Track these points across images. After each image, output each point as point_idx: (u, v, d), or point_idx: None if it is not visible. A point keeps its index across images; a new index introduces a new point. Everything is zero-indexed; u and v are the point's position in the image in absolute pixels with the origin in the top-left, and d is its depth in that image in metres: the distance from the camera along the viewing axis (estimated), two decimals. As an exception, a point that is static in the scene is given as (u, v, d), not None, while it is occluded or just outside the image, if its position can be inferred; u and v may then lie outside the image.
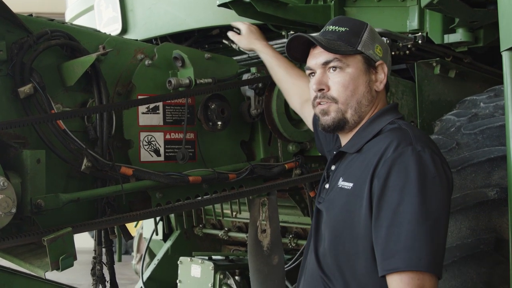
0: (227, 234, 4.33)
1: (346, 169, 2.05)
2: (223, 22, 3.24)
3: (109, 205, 2.49)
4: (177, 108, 2.77)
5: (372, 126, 2.05)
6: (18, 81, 2.31)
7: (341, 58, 2.03)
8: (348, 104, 2.04)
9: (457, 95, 3.47)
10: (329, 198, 2.08)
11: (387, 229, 1.81)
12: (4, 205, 1.70)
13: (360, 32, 2.06)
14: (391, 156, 1.87)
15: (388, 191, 1.84)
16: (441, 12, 2.98)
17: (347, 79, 2.03)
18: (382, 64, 2.08)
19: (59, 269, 2.12)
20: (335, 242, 1.98)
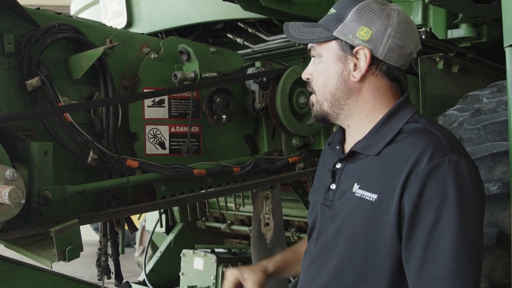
0: (230, 227, 4.35)
1: (362, 174, 1.80)
2: (228, 16, 3.27)
3: (114, 197, 2.51)
4: (182, 102, 2.78)
5: (390, 125, 1.80)
6: (26, 74, 2.32)
7: (316, 46, 1.86)
8: (323, 96, 1.87)
9: (459, 90, 3.48)
10: (341, 205, 1.84)
11: (423, 250, 1.64)
12: (14, 196, 1.71)
13: (342, 15, 1.80)
14: (425, 168, 1.64)
15: (423, 208, 1.64)
16: (445, 7, 2.99)
17: (320, 69, 1.86)
18: (363, 49, 1.78)
19: (65, 259, 2.14)
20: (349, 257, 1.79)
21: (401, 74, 1.85)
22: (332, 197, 1.87)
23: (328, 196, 1.89)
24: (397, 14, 1.80)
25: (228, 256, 3.92)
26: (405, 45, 1.79)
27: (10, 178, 1.78)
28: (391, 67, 1.81)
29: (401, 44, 1.79)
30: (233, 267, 2.18)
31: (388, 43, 1.78)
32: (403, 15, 1.82)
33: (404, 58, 1.81)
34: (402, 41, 1.79)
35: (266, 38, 3.40)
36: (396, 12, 1.81)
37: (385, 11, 1.80)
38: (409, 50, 1.81)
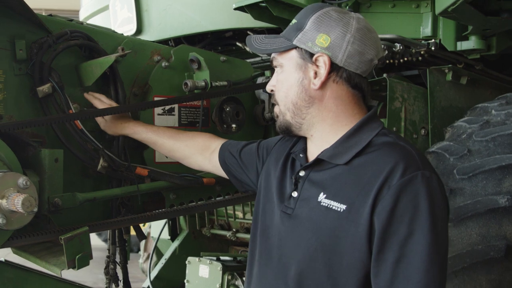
0: (235, 235, 4.34)
1: (329, 184, 1.77)
2: (239, 25, 3.26)
3: (123, 204, 2.52)
4: (192, 110, 2.79)
5: (359, 136, 1.79)
6: (37, 81, 2.33)
7: (278, 56, 1.86)
8: (285, 105, 1.86)
9: (468, 102, 3.48)
10: (304, 213, 1.80)
11: (394, 264, 1.62)
12: (27, 204, 1.71)
13: (303, 23, 1.81)
14: (398, 182, 1.63)
15: (395, 222, 1.62)
16: (455, 19, 3.00)
17: (282, 79, 1.87)
18: (323, 56, 1.77)
19: (75, 267, 2.13)
20: (310, 266, 1.75)
21: (363, 81, 1.84)
22: (293, 205, 1.84)
23: (289, 204, 1.85)
24: (357, 21, 1.80)
25: (234, 264, 3.90)
26: (364, 51, 1.79)
27: (23, 186, 1.78)
28: (351, 74, 1.81)
29: (360, 50, 1.79)
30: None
31: (348, 50, 1.78)
32: (362, 22, 1.82)
33: (365, 65, 1.81)
34: (361, 47, 1.79)
35: (275, 47, 3.39)
36: (355, 19, 1.81)
37: (344, 18, 1.80)
38: (370, 56, 1.81)
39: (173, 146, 2.47)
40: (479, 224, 2.55)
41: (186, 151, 2.45)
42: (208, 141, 2.41)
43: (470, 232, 2.54)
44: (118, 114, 2.48)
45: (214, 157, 2.36)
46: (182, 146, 2.45)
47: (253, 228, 2.04)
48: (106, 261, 2.71)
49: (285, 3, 2.86)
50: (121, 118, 2.50)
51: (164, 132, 2.49)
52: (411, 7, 3.18)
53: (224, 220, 4.30)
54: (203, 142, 2.42)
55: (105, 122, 2.50)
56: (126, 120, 2.51)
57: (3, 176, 1.75)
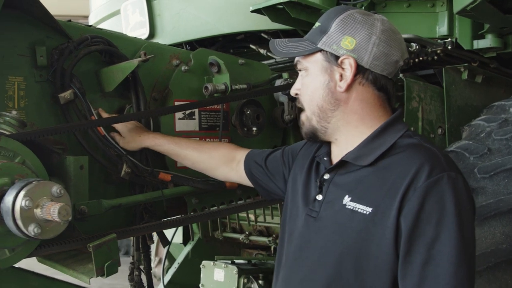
0: (248, 238, 4.32)
1: (354, 186, 1.77)
2: (254, 27, 3.26)
3: (146, 210, 2.50)
4: (212, 114, 2.77)
5: (384, 138, 1.78)
6: (59, 87, 2.31)
7: (302, 59, 1.87)
8: (311, 110, 1.86)
9: (483, 100, 3.48)
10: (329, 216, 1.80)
11: (422, 267, 1.61)
12: (64, 213, 1.69)
13: (327, 27, 1.81)
14: (424, 184, 1.62)
15: (421, 224, 1.62)
16: (473, 18, 2.99)
17: (306, 82, 1.86)
18: (348, 58, 1.78)
19: (104, 275, 2.11)
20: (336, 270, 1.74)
21: (389, 83, 1.83)
22: (318, 208, 1.84)
23: (314, 207, 1.85)
24: (381, 23, 1.80)
25: (249, 267, 3.88)
26: (390, 53, 1.79)
27: (57, 195, 1.75)
28: (377, 76, 1.80)
29: (386, 52, 1.78)
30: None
31: (373, 52, 1.77)
32: (387, 24, 1.81)
33: (391, 66, 1.80)
34: (387, 49, 1.78)
35: (290, 49, 3.38)
36: (380, 21, 1.80)
37: (369, 20, 1.79)
38: (395, 57, 1.80)
39: (197, 158, 2.46)
40: (502, 223, 2.54)
41: (211, 163, 2.44)
42: (233, 152, 2.41)
43: (493, 231, 2.53)
44: (135, 129, 2.46)
45: (240, 167, 2.36)
46: (207, 158, 2.44)
47: (281, 233, 2.04)
48: (130, 267, 2.69)
49: (303, 5, 2.85)
50: (138, 131, 2.46)
51: (187, 144, 2.47)
52: (426, 7, 3.17)
53: (236, 223, 4.28)
54: (227, 153, 2.41)
55: (123, 139, 2.46)
56: (144, 133, 2.47)
57: (37, 185, 1.73)
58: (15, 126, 2.07)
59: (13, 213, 1.71)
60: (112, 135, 2.45)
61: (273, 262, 4.08)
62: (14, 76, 2.25)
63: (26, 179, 1.78)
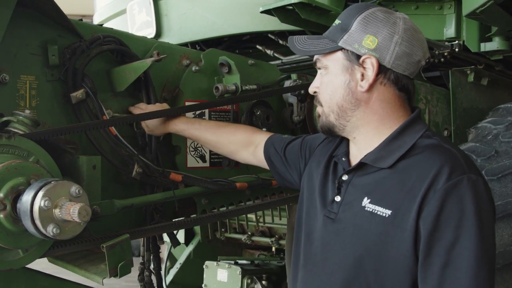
0: (251, 238, 4.32)
1: (373, 188, 1.75)
2: (261, 28, 3.26)
3: (157, 210, 2.49)
4: (221, 114, 2.77)
5: (403, 139, 1.75)
6: (71, 86, 2.29)
7: (322, 58, 1.82)
8: (329, 107, 1.82)
9: (488, 103, 3.49)
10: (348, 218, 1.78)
11: (441, 269, 1.59)
12: (84, 213, 1.67)
13: (348, 25, 1.76)
14: (443, 186, 1.60)
15: (441, 227, 1.59)
16: (482, 21, 3.01)
17: (327, 81, 1.81)
18: (370, 58, 1.74)
19: (117, 275, 2.10)
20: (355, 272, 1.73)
21: (410, 83, 1.80)
22: (336, 209, 1.81)
23: (332, 209, 1.83)
24: (403, 22, 1.75)
25: (253, 268, 3.90)
26: (412, 53, 1.75)
27: (76, 195, 1.74)
28: (399, 76, 1.76)
29: (408, 51, 1.74)
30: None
31: (396, 51, 1.73)
32: (409, 22, 1.77)
33: (413, 66, 1.77)
34: (409, 48, 1.74)
35: (297, 50, 3.38)
36: (402, 19, 1.76)
37: (391, 18, 1.75)
38: (417, 57, 1.76)
39: (216, 144, 2.47)
40: (511, 225, 2.54)
41: (230, 147, 2.45)
42: (251, 136, 2.40)
43: (501, 233, 2.54)
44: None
45: (258, 152, 2.35)
46: (225, 143, 2.45)
47: (297, 231, 2.02)
48: (140, 268, 2.68)
49: (313, 6, 2.85)
50: (161, 118, 2.48)
51: (206, 128, 2.48)
52: (434, 9, 3.19)
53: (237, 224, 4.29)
54: (245, 137, 2.41)
55: (147, 127, 2.49)
56: (168, 119, 2.49)
57: (56, 185, 1.71)
58: (29, 125, 2.05)
59: (32, 213, 1.69)
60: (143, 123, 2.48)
61: (276, 263, 4.10)
62: (26, 75, 2.23)
63: (44, 179, 1.76)
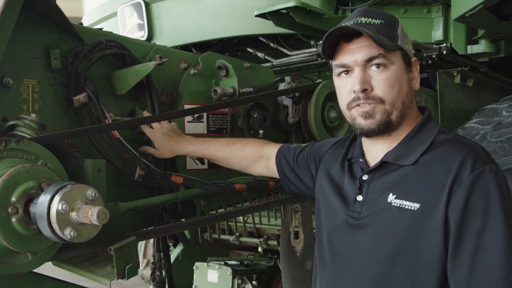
0: (239, 239, 4.36)
1: (396, 184, 1.82)
2: (254, 31, 3.30)
3: (166, 210, 2.52)
4: (219, 117, 2.80)
5: (421, 136, 1.85)
6: (73, 90, 2.30)
7: (385, 54, 1.80)
8: (394, 105, 1.82)
9: (473, 104, 3.58)
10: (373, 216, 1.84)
11: (472, 256, 1.66)
12: (102, 216, 1.69)
13: (394, 26, 1.85)
14: (469, 177, 1.68)
15: (469, 215, 1.66)
16: (470, 24, 3.08)
17: (393, 77, 1.81)
18: (416, 61, 1.90)
19: (125, 277, 2.12)
20: (387, 267, 1.78)
21: None
22: (359, 208, 1.88)
23: (355, 208, 1.89)
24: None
25: (243, 268, 3.94)
26: None
27: (92, 198, 1.76)
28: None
29: None
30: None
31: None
32: None
33: None
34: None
35: (289, 53, 3.44)
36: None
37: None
38: None
39: (228, 161, 2.54)
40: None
41: (242, 163, 2.53)
42: (260, 150, 2.47)
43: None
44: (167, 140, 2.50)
45: (270, 164, 2.44)
46: (237, 159, 2.52)
47: (319, 233, 2.08)
48: (152, 267, 2.70)
49: (307, 10, 2.90)
50: (170, 142, 2.50)
51: (216, 148, 2.53)
52: (422, 12, 3.26)
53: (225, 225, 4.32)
54: (255, 151, 2.47)
55: (158, 151, 2.51)
56: (175, 144, 2.51)
57: (72, 188, 1.73)
58: (35, 129, 2.07)
59: (49, 216, 1.71)
60: (147, 150, 2.51)
61: (265, 263, 4.15)
62: (28, 79, 2.24)
63: (60, 183, 1.78)
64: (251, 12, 3.06)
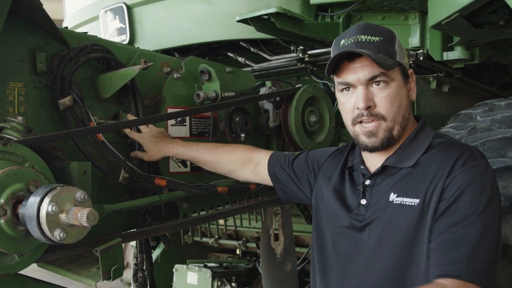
0: (218, 242, 4.39)
1: (396, 184, 1.92)
2: (235, 36, 3.34)
3: (148, 212, 2.54)
4: (201, 121, 2.84)
5: (419, 140, 1.96)
6: (58, 93, 2.32)
7: (386, 72, 1.89)
8: (395, 120, 1.91)
9: (448, 109, 3.67)
10: (377, 214, 1.93)
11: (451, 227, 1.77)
12: (92, 217, 1.72)
13: (392, 41, 1.93)
14: (460, 169, 1.81)
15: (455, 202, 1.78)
16: (446, 31, 3.16)
17: (393, 94, 1.91)
18: (412, 73, 2.01)
19: (110, 279, 2.15)
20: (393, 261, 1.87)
21: None
22: (364, 211, 1.98)
23: (359, 211, 1.99)
24: None
25: (222, 271, 3.97)
26: None
27: (81, 200, 1.79)
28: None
29: None
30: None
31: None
32: None
33: None
34: None
35: (269, 58, 3.49)
36: None
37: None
38: None
39: (216, 164, 2.57)
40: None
41: (229, 167, 2.55)
42: (249, 154, 2.51)
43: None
44: (155, 141, 2.54)
45: (259, 169, 2.47)
46: (225, 162, 2.54)
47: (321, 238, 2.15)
48: (134, 269, 2.73)
49: (288, 16, 2.95)
50: (159, 143, 2.55)
51: (205, 150, 2.57)
52: (400, 19, 3.33)
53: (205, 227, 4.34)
54: (244, 156, 2.51)
55: (146, 154, 2.55)
56: (163, 145, 2.55)
57: (61, 190, 1.76)
58: (22, 131, 2.09)
59: (38, 218, 1.73)
60: (136, 154, 2.55)
61: (244, 265, 4.18)
62: (14, 81, 2.26)
63: (49, 185, 1.81)
64: (232, 17, 3.11)
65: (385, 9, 3.33)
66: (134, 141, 2.57)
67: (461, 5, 2.72)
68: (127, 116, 2.51)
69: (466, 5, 2.68)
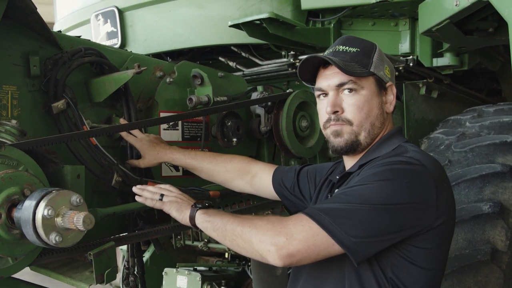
0: (207, 245, 4.39)
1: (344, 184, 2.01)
2: (227, 41, 3.36)
3: (140, 216, 2.55)
4: (194, 125, 2.85)
5: (380, 149, 2.00)
6: (52, 97, 2.33)
7: (355, 80, 1.96)
8: (362, 126, 1.98)
9: (437, 115, 3.70)
10: None
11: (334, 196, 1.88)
12: (88, 221, 1.73)
13: (370, 53, 2.00)
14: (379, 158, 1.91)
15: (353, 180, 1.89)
16: (436, 38, 3.19)
17: (362, 101, 1.97)
18: (392, 86, 2.04)
19: (103, 282, 2.16)
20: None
21: None
22: None
23: None
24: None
25: (212, 274, 3.98)
26: None
27: (76, 204, 1.80)
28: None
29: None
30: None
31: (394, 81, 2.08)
32: None
33: None
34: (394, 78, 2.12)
35: (260, 63, 3.51)
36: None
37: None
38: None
39: (212, 172, 2.57)
40: (465, 230, 2.72)
41: (226, 176, 2.55)
42: (247, 165, 2.52)
43: (456, 238, 2.71)
44: (153, 147, 2.54)
45: (256, 181, 2.50)
46: (222, 171, 2.55)
47: None
48: (125, 273, 2.73)
49: (280, 21, 2.98)
50: (156, 148, 2.55)
51: (202, 158, 2.58)
52: (390, 25, 3.37)
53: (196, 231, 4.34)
54: (242, 166, 2.52)
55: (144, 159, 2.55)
56: (161, 150, 2.56)
57: (57, 194, 1.77)
58: (16, 135, 2.09)
59: (34, 222, 1.74)
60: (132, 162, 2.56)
61: (233, 269, 4.19)
62: (8, 85, 2.26)
63: (45, 189, 1.82)
64: (224, 22, 3.13)
65: (375, 15, 3.37)
66: (126, 145, 2.58)
67: (451, 12, 2.75)
68: (119, 120, 2.52)
69: (457, 12, 2.72)
